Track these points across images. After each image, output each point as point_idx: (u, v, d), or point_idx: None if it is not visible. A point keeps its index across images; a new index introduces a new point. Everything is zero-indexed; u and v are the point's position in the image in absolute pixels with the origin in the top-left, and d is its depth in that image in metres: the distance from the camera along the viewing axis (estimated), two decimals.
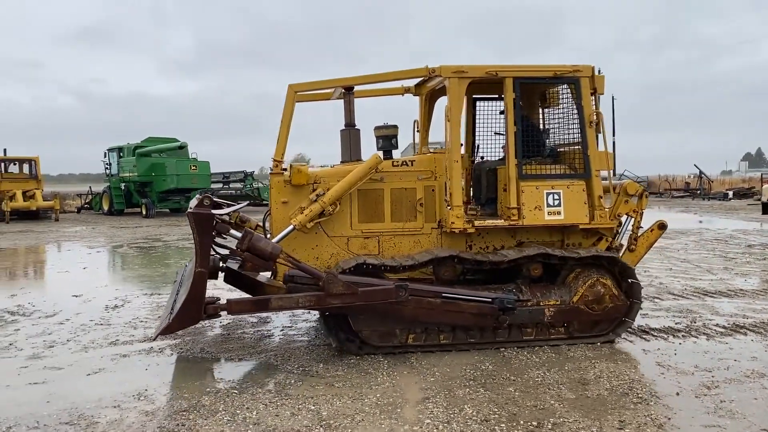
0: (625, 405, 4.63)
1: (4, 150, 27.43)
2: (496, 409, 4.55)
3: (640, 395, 4.81)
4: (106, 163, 30.46)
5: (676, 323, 7.03)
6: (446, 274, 6.02)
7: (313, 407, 4.62)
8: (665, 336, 6.51)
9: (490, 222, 6.22)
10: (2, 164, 26.95)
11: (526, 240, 6.41)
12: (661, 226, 6.76)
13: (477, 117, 7.48)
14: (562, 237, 6.51)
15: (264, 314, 7.38)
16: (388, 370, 5.44)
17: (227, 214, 5.72)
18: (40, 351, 6.23)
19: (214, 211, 5.28)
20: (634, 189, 6.48)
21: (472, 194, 7.26)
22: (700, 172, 41.65)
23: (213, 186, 29.92)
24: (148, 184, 27.72)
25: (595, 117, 6.29)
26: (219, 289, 8.14)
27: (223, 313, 5.44)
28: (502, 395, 4.84)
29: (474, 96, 7.37)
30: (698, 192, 40.41)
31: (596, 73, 6.37)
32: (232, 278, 6.13)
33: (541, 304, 6.02)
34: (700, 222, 21.40)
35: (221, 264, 6.07)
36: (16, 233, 20.21)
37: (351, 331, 5.82)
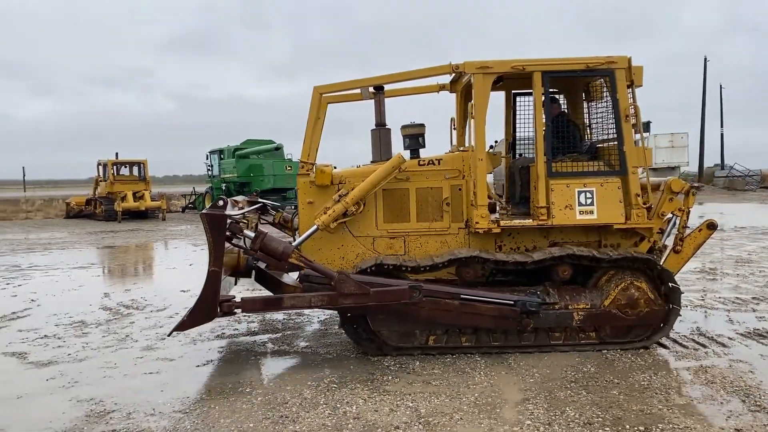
0: (741, 412, 4.36)
1: (116, 154, 29.30)
2: (599, 413, 4.41)
3: (758, 403, 4.52)
4: (208, 165, 31.91)
5: None
6: (467, 276, 5.89)
7: (411, 404, 4.65)
8: None
9: (517, 222, 6.01)
10: (114, 167, 28.78)
11: (559, 240, 6.14)
12: (710, 226, 6.30)
13: (517, 112, 7.21)
14: (599, 237, 6.18)
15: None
16: (485, 370, 5.39)
17: (241, 215, 5.78)
18: (153, 342, 6.63)
19: (227, 212, 5.30)
20: (679, 186, 6.04)
21: (508, 193, 7.06)
22: None
23: None
24: (247, 185, 28.77)
25: (631, 111, 5.95)
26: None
27: (238, 310, 5.52)
28: (606, 398, 4.68)
29: (514, 91, 7.12)
30: None
31: (633, 63, 5.98)
32: (260, 277, 6.25)
33: (570, 307, 5.76)
34: None
35: (254, 263, 6.18)
36: (127, 232, 21.57)
37: (371, 331, 5.82)
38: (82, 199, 30.69)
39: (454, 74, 6.41)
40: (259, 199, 7.45)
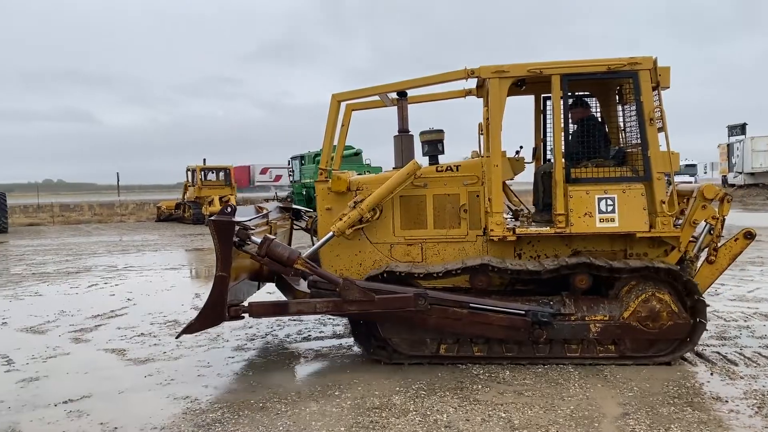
0: None
1: (204, 160, 30.43)
2: None
3: None
4: (290, 170, 32.64)
5: None
6: (479, 284, 5.72)
7: (503, 414, 4.52)
8: None
9: (533, 230, 5.80)
10: (202, 173, 29.89)
11: (582, 249, 5.87)
12: (747, 235, 5.84)
13: (548, 117, 6.84)
14: (624, 246, 5.87)
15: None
16: (579, 382, 5.18)
17: (249, 221, 5.73)
18: (243, 343, 6.77)
19: (236, 219, 5.29)
20: (712, 193, 5.66)
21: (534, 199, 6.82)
22: None
23: None
24: None
25: (656, 114, 5.61)
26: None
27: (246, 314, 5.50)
28: (714, 417, 4.38)
29: (543, 95, 6.82)
30: None
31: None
32: (279, 283, 6.27)
33: (586, 319, 5.50)
34: None
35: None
36: None
37: (381, 339, 5.76)
38: (172, 203, 32.03)
39: (476, 79, 6.23)
40: (294, 206, 7.55)
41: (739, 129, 40.16)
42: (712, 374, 5.29)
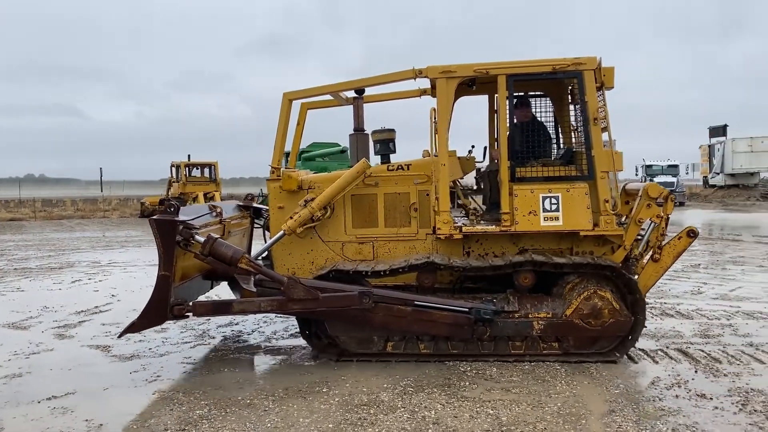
0: None
1: (188, 156, 30.17)
2: (694, 430, 4.17)
3: None
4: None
5: None
6: (425, 282, 5.79)
7: (491, 411, 4.54)
8: None
9: (479, 228, 5.90)
10: (186, 169, 29.65)
11: (529, 247, 5.97)
12: (690, 233, 5.97)
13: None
14: (570, 245, 5.97)
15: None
16: (566, 379, 5.21)
17: (193, 220, 5.63)
18: (229, 340, 6.76)
19: (179, 218, 5.23)
20: (656, 192, 5.78)
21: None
22: None
23: None
24: None
25: (601, 114, 5.74)
26: None
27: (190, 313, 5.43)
28: (701, 414, 4.42)
29: (497, 95, 6.80)
30: None
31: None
32: (230, 282, 6.30)
33: (530, 316, 5.58)
34: None
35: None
36: None
37: (329, 337, 5.82)
38: (156, 199, 31.75)
39: (409, 80, 6.22)
40: (254, 204, 7.47)
41: (721, 130, 40.63)
42: (696, 372, 5.34)
